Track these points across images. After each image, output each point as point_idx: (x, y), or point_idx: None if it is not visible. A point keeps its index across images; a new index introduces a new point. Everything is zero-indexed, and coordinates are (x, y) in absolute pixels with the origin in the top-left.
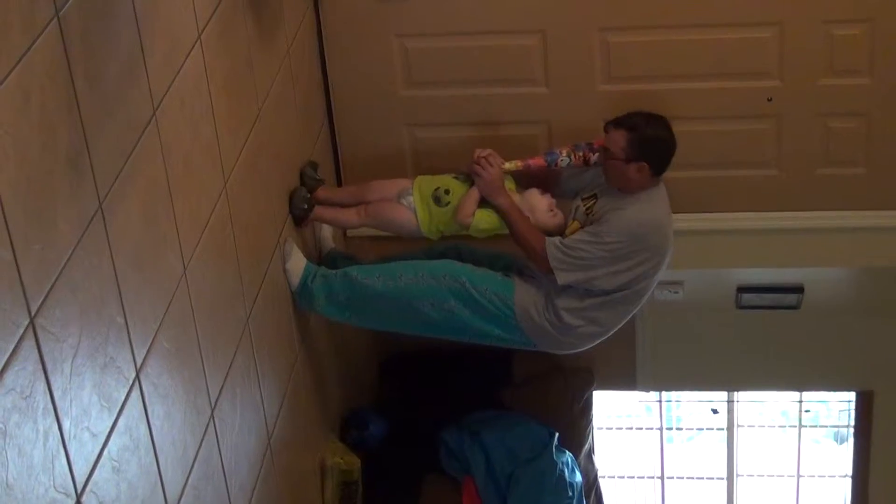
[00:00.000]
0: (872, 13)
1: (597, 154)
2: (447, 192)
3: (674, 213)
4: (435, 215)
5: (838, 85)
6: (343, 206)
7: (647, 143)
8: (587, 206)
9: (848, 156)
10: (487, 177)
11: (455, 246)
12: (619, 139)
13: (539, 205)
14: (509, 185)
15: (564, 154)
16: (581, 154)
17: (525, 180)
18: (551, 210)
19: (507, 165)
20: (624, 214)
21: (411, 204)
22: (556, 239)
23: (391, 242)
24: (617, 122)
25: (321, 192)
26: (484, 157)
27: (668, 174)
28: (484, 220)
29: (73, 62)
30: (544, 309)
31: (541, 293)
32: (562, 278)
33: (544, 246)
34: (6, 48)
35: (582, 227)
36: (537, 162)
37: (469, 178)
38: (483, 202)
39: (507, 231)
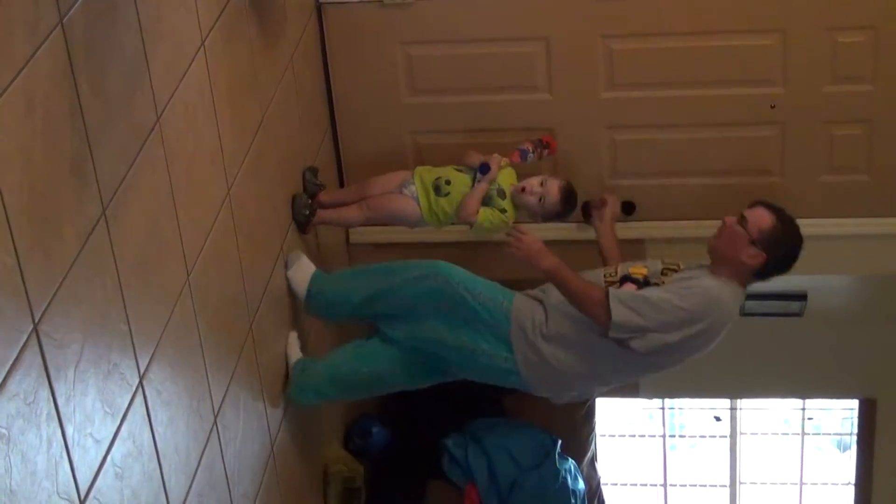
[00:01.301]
0: (876, 20)
1: (546, 150)
2: (448, 182)
3: (676, 220)
4: (434, 203)
5: (842, 92)
6: (345, 205)
7: (782, 244)
8: (666, 267)
9: (851, 163)
10: (526, 250)
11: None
12: (765, 220)
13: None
14: (511, 178)
15: (531, 150)
16: (539, 151)
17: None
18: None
19: (502, 163)
20: (710, 291)
21: (413, 193)
22: (620, 291)
23: (392, 252)
24: (770, 207)
25: (323, 197)
26: (513, 235)
27: (672, 181)
28: (488, 218)
29: (76, 69)
30: (541, 324)
31: (540, 309)
32: (615, 330)
33: (603, 295)
34: (10, 55)
35: (646, 279)
36: (514, 158)
37: (469, 171)
38: (486, 200)
39: (505, 229)
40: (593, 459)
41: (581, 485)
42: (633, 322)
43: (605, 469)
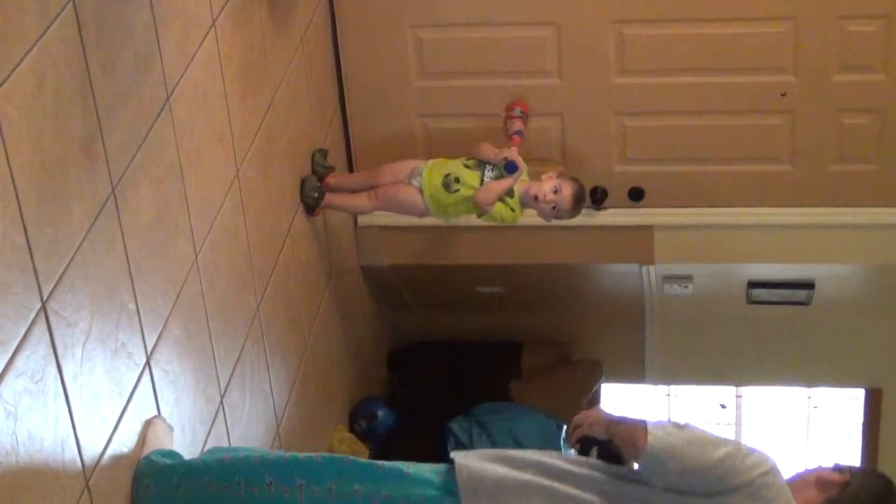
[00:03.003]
0: (888, 10)
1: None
2: (457, 180)
3: (685, 207)
4: (444, 200)
5: (852, 81)
6: (354, 191)
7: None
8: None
9: (861, 152)
10: (589, 423)
11: None
12: (833, 484)
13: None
14: (524, 177)
15: (524, 128)
16: (525, 121)
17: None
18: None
19: (513, 153)
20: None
21: (422, 185)
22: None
23: (399, 235)
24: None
25: (331, 179)
26: (579, 424)
27: (681, 168)
28: (500, 213)
29: (87, 47)
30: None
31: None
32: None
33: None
34: (21, 32)
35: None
36: (517, 143)
37: (479, 166)
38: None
39: (514, 222)
40: None
41: None
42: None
43: None
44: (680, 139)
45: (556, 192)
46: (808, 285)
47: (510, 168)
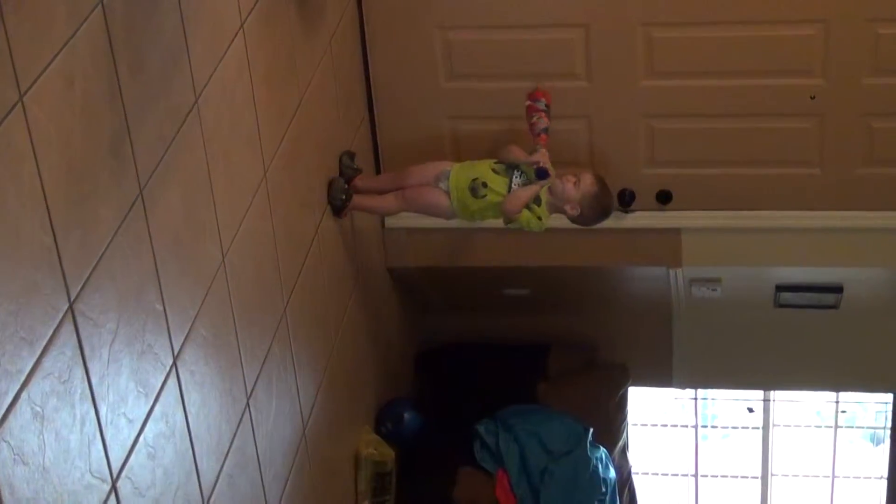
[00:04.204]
0: None
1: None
2: (485, 185)
3: (713, 209)
4: (470, 205)
5: (882, 84)
6: (381, 192)
7: None
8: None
9: (890, 156)
10: None
11: None
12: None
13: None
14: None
15: (548, 122)
16: (548, 115)
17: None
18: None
19: (544, 157)
20: None
21: (448, 188)
22: None
23: (426, 237)
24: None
25: (359, 182)
26: None
27: (709, 170)
28: (527, 220)
29: (116, 49)
30: None
31: None
32: None
33: None
34: (51, 35)
35: None
36: (544, 141)
37: (507, 170)
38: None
39: (541, 230)
40: (625, 448)
41: (612, 473)
42: None
43: (637, 458)
44: (708, 142)
45: (576, 184)
46: (837, 289)
47: (541, 174)
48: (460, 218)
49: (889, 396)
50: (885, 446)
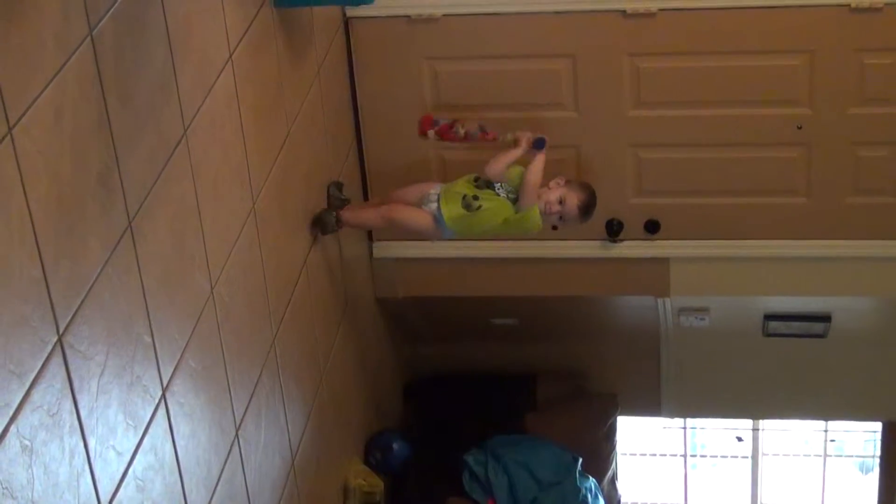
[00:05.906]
0: None
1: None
2: (475, 197)
3: (701, 239)
4: (472, 222)
5: (869, 114)
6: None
7: None
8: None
9: (877, 185)
10: None
11: None
12: None
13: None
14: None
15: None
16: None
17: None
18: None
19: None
20: None
21: (433, 210)
22: None
23: (415, 267)
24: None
25: (346, 214)
26: None
27: (696, 200)
28: (535, 218)
29: (105, 81)
30: None
31: None
32: None
33: None
34: (40, 66)
35: None
36: (494, 133)
37: (487, 184)
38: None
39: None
40: (614, 478)
41: (602, 503)
42: None
43: (626, 488)
44: (696, 171)
45: (561, 202)
46: (825, 318)
47: (539, 144)
48: (455, 232)
49: (878, 425)
50: (875, 475)
